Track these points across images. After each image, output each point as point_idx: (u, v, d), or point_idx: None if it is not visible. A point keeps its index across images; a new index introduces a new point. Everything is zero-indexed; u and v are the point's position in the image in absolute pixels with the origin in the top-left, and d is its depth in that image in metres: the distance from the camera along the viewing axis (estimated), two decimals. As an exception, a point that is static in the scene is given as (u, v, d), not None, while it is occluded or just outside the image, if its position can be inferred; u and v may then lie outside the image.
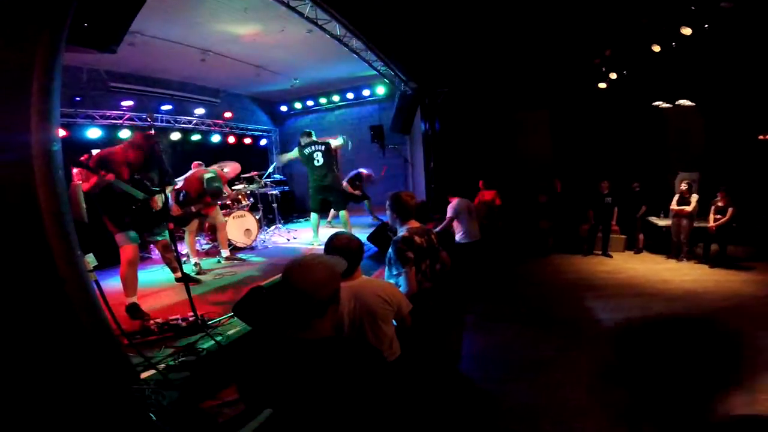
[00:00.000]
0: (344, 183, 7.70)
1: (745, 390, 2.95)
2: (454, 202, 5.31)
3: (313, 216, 6.17)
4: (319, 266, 1.28)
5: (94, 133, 5.98)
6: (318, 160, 5.91)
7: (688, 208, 6.53)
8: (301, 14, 4.62)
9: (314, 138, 6.05)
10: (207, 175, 5.20)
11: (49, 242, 1.39)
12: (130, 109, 6.49)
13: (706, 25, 5.61)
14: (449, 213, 5.28)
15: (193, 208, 5.03)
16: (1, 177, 1.30)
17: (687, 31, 5.80)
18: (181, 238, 5.66)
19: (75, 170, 4.76)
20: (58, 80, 1.50)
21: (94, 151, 4.73)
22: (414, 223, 2.60)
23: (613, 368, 3.42)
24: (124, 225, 3.65)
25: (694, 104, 8.28)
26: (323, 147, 5.94)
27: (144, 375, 2.43)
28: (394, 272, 2.44)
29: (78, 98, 5.77)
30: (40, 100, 1.40)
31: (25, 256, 1.33)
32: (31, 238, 1.36)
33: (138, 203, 3.65)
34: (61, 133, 3.39)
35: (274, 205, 7.35)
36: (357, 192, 7.64)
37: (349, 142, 6.09)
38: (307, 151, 5.95)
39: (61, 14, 1.41)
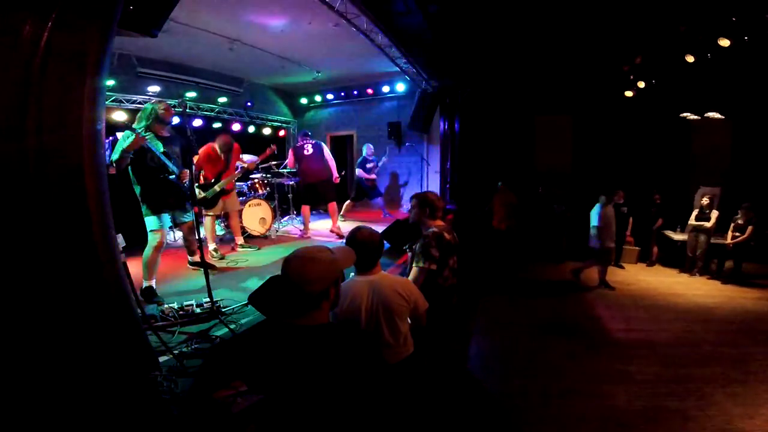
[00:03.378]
0: (358, 171, 7.77)
1: (744, 405, 2.96)
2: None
3: (305, 209, 6.50)
4: (316, 261, 1.30)
5: (119, 116, 6.14)
6: (308, 150, 6.39)
7: (708, 224, 6.42)
8: (332, 7, 4.66)
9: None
10: (217, 144, 5.21)
11: (91, 221, 1.44)
12: (156, 94, 6.64)
13: (746, 37, 5.45)
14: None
15: (217, 188, 5.09)
16: (54, 152, 1.36)
17: (725, 42, 5.65)
18: (200, 222, 5.79)
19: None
20: (107, 60, 1.57)
21: (119, 134, 4.84)
22: (439, 222, 2.67)
23: (620, 378, 3.43)
24: (158, 208, 3.72)
25: (723, 117, 8.07)
26: (313, 141, 6.50)
27: (159, 360, 2.54)
28: (413, 264, 2.52)
29: (108, 81, 5.92)
30: (93, 80, 1.47)
31: (69, 236, 1.40)
32: (76, 217, 1.42)
33: (172, 175, 3.71)
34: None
35: (290, 195, 7.45)
36: (372, 176, 7.69)
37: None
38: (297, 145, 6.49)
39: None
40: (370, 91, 9.40)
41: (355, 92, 9.55)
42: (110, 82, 5.99)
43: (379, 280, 2.02)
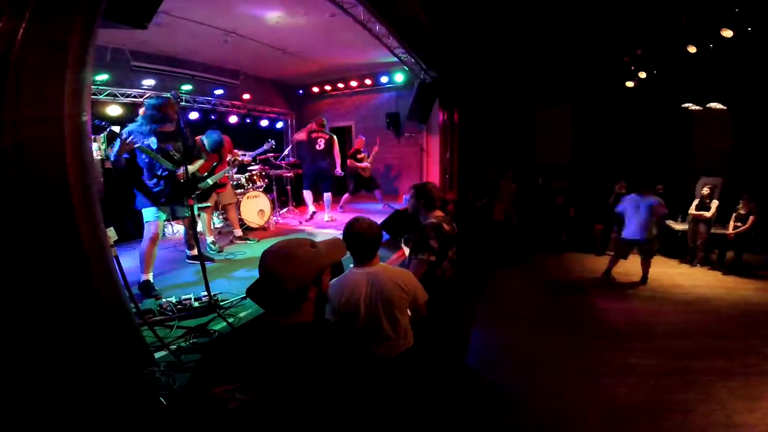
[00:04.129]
0: (349, 162, 7.67)
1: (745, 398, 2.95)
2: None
3: (307, 193, 6.83)
4: (291, 258, 1.21)
5: (114, 110, 6.08)
6: (320, 145, 6.56)
7: (707, 214, 6.39)
8: (327, -4, 4.59)
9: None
10: (206, 138, 5.11)
11: (75, 215, 1.41)
12: (151, 88, 6.56)
13: (749, 28, 5.37)
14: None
15: (210, 181, 5.02)
16: (34, 145, 1.33)
17: (728, 33, 5.56)
18: (198, 215, 5.81)
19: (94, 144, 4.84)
20: (92, 52, 1.52)
21: (115, 128, 4.79)
22: (438, 213, 2.63)
23: (621, 371, 3.41)
24: (154, 201, 3.69)
25: (725, 108, 7.99)
26: (327, 135, 6.67)
27: (156, 355, 2.45)
28: (412, 255, 2.49)
29: (101, 76, 5.85)
30: (75, 73, 1.43)
31: (52, 230, 1.36)
32: (59, 211, 1.38)
33: (166, 171, 3.67)
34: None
35: (288, 187, 7.41)
36: (365, 164, 7.62)
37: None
38: (312, 136, 6.63)
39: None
40: (368, 81, 9.30)
41: (353, 83, 9.45)
42: (104, 77, 5.91)
43: (378, 271, 1.99)
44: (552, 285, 5.82)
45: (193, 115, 7.44)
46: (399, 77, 8.85)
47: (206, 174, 5.05)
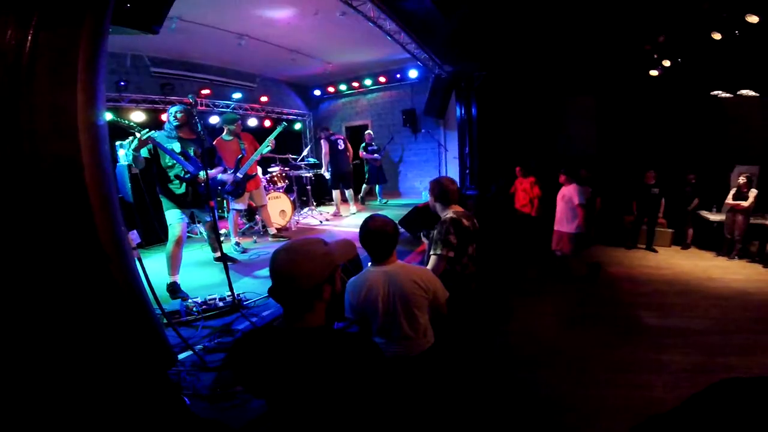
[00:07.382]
0: (362, 153, 8.02)
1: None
2: None
3: (335, 193, 7.43)
4: (304, 254, 1.17)
5: (137, 116, 6.24)
6: (340, 145, 7.25)
7: (745, 204, 6.07)
8: (335, -6, 4.58)
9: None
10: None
11: (94, 217, 1.41)
12: (171, 93, 6.71)
13: None
14: None
15: (240, 175, 5.08)
16: (49, 151, 1.34)
17: (753, 19, 5.26)
18: (222, 217, 5.93)
19: (121, 150, 4.97)
20: (103, 57, 1.53)
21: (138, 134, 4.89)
22: (457, 208, 2.57)
23: (655, 368, 3.26)
24: (176, 204, 3.78)
25: (758, 95, 7.57)
26: (343, 137, 7.41)
27: (181, 356, 2.51)
28: (431, 252, 2.43)
29: (122, 83, 6.02)
30: (86, 78, 1.43)
31: (70, 234, 1.38)
32: (76, 215, 1.39)
33: (188, 174, 3.77)
34: (109, 116, 3.50)
35: (308, 187, 7.46)
36: (376, 155, 8.05)
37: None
38: (332, 138, 7.27)
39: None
40: (382, 79, 9.25)
41: (368, 81, 9.43)
42: (125, 83, 6.08)
43: (395, 270, 1.94)
44: (580, 279, 5.63)
45: (214, 119, 7.57)
46: (413, 73, 8.77)
47: (234, 169, 5.11)
